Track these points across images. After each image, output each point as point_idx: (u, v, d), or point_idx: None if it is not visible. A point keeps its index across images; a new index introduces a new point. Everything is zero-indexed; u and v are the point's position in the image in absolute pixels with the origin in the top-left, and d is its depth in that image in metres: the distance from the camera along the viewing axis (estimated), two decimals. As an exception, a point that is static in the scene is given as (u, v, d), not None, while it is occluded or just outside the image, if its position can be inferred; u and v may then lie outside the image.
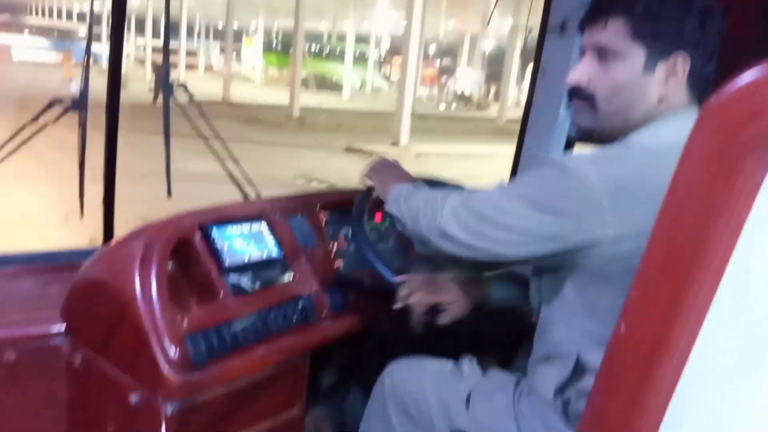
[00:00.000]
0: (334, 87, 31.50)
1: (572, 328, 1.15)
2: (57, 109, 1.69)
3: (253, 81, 36.54)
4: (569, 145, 2.00)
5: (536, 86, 2.04)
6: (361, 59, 35.24)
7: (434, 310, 1.46)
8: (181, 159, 2.07)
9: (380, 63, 40.22)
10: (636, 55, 1.09)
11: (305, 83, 27.87)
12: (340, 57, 32.49)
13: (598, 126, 1.17)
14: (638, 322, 0.66)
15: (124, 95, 1.88)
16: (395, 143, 14.60)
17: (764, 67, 0.56)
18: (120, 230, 1.66)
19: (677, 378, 0.61)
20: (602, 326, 1.06)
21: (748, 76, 0.57)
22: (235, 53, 34.80)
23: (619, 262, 1.04)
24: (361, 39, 35.41)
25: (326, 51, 35.90)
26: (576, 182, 1.04)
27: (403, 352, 1.46)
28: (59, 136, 1.85)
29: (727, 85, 0.58)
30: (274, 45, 41.34)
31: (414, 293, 1.45)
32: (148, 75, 23.71)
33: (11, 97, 12.26)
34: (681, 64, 1.08)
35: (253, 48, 39.08)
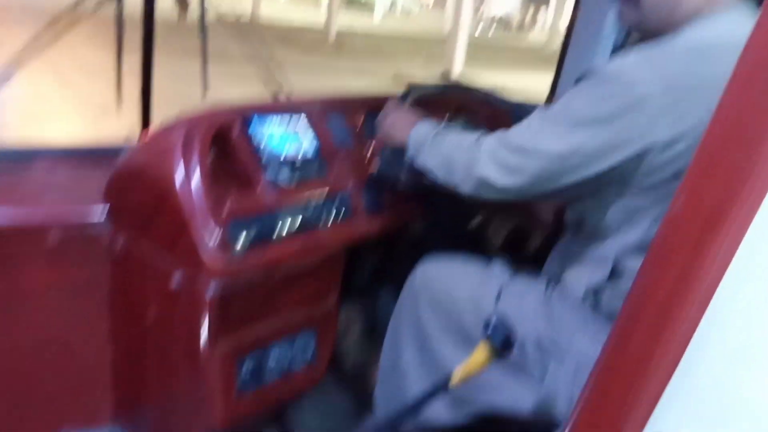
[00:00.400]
0: (363, 7, 30.13)
1: (613, 237, 1.14)
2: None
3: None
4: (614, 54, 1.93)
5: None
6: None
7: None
8: (215, 85, 2.02)
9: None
10: None
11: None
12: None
13: (645, 20, 1.12)
14: (686, 215, 0.64)
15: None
16: (447, 72, 13.38)
17: None
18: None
19: (717, 282, 0.60)
20: (643, 234, 1.05)
21: None
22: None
23: (666, 169, 1.03)
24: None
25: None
26: (622, 87, 1.01)
27: (435, 253, 1.48)
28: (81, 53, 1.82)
29: None
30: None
31: None
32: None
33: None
34: None
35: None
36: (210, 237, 1.21)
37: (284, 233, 1.35)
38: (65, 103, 5.23)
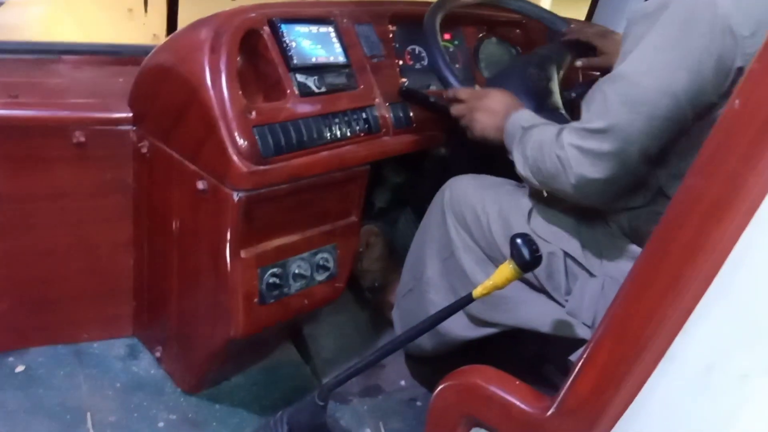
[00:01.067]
0: None
1: (664, 166, 1.09)
2: None
3: None
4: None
5: None
6: None
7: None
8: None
9: None
10: None
11: None
12: None
13: None
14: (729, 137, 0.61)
15: None
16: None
17: None
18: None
19: (756, 206, 0.57)
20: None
21: None
22: None
23: None
24: None
25: None
26: (706, 12, 0.94)
27: (461, 174, 1.45)
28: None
29: None
30: None
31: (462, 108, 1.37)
32: None
33: None
34: None
35: None
36: (237, 145, 1.20)
37: (312, 143, 1.32)
38: (89, 5, 5.12)
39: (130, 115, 1.41)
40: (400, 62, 1.62)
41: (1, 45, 1.56)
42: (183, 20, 1.76)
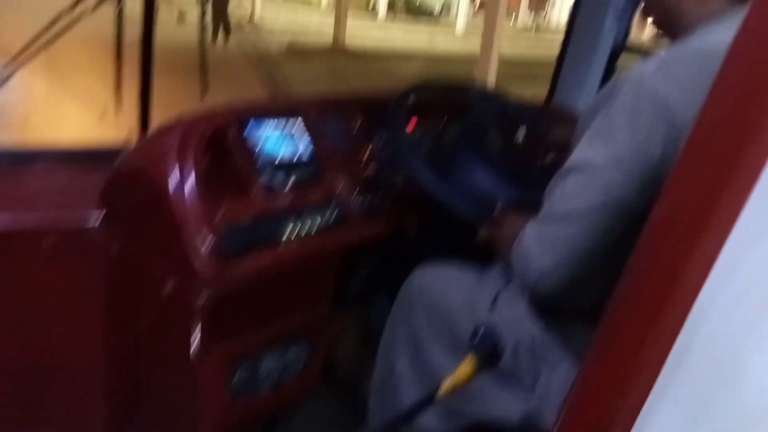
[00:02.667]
0: (420, 12, 24.03)
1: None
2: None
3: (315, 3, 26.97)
4: (614, 56, 1.93)
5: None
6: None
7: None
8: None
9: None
10: None
11: (391, 6, 22.88)
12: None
13: (657, 16, 1.13)
14: (670, 218, 0.64)
15: (178, 33, 1.82)
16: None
17: None
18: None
19: (701, 284, 0.59)
20: None
21: None
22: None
23: None
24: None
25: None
26: (649, 101, 0.99)
27: (430, 259, 1.47)
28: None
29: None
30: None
31: None
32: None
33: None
34: None
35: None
36: (202, 244, 1.21)
37: (278, 239, 1.34)
38: (64, 105, 5.23)
39: (101, 216, 1.42)
40: (368, 151, 1.67)
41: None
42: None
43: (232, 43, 1.96)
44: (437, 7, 24.23)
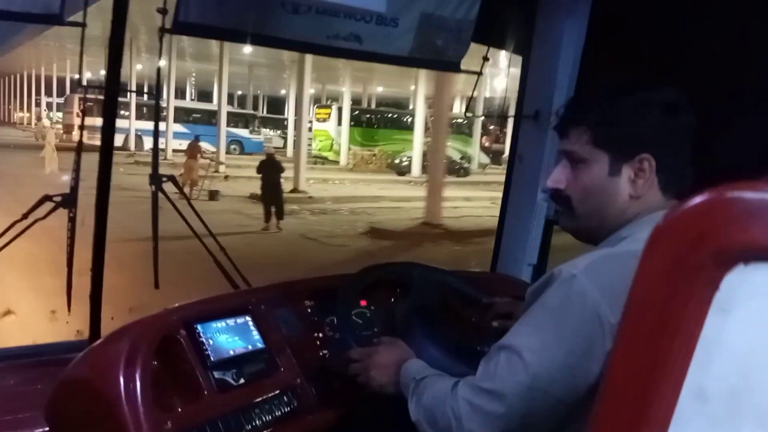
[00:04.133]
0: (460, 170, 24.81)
1: None
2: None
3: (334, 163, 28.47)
4: (549, 226, 2.05)
5: (513, 171, 2.11)
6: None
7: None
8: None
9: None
10: (600, 160, 1.14)
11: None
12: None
13: (580, 226, 1.21)
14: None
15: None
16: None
17: (711, 193, 0.61)
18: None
19: None
20: None
21: (696, 200, 0.61)
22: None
23: None
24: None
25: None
26: (577, 301, 1.05)
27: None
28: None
29: (675, 208, 0.62)
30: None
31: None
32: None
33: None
34: (647, 165, 1.12)
35: (330, 122, 28.83)
36: None
37: (232, 440, 1.32)
38: (17, 303, 5.23)
39: (46, 430, 1.38)
40: (321, 335, 1.69)
41: None
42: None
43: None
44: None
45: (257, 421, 1.39)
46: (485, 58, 2.05)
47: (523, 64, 2.05)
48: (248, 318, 1.54)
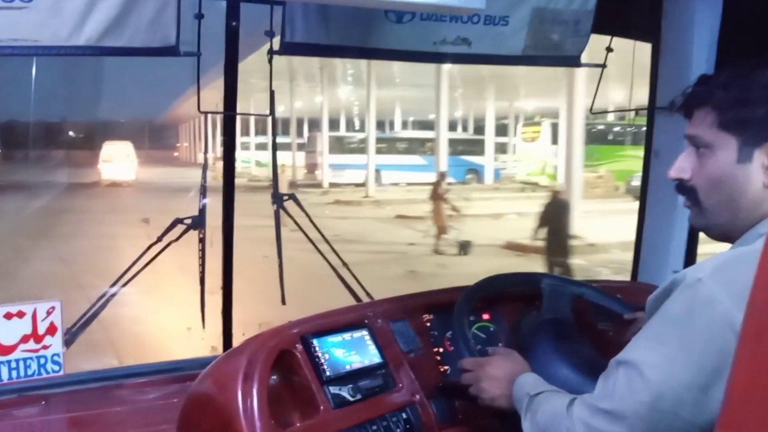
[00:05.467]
0: None
1: None
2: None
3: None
4: (694, 232, 1.85)
5: (650, 169, 1.93)
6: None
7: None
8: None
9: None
10: (727, 145, 1.01)
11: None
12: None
13: (710, 223, 1.08)
14: None
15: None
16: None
17: None
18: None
19: None
20: None
21: None
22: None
23: None
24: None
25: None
26: (705, 310, 0.93)
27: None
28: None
29: None
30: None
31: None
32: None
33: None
34: None
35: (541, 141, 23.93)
36: None
37: (350, 459, 1.30)
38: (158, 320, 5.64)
39: None
40: (441, 350, 1.63)
41: (69, 377, 1.69)
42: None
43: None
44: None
45: None
46: (608, 49, 1.90)
47: (653, 51, 1.88)
48: (365, 332, 1.52)
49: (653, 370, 0.95)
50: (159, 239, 1.79)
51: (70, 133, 50.77)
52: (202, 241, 1.82)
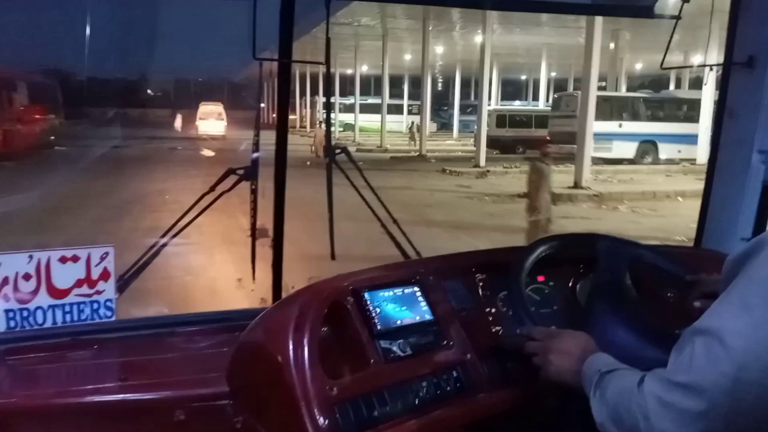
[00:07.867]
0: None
1: None
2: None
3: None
4: (766, 198, 1.74)
5: (722, 129, 1.82)
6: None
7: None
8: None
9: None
10: None
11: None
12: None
13: None
14: None
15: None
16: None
17: None
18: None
19: None
20: None
21: None
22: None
23: None
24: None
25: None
26: None
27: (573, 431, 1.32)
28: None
29: None
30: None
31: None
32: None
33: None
34: None
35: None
36: (318, 425, 1.18)
37: (398, 413, 1.27)
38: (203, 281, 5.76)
39: (227, 390, 1.44)
40: (493, 310, 1.59)
41: (121, 323, 1.71)
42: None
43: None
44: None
45: (424, 396, 1.33)
46: (685, 0, 1.78)
47: (733, 2, 1.75)
48: (416, 288, 1.48)
49: (737, 337, 0.88)
50: (212, 189, 1.78)
51: (149, 91, 51.91)
52: (254, 192, 1.80)
